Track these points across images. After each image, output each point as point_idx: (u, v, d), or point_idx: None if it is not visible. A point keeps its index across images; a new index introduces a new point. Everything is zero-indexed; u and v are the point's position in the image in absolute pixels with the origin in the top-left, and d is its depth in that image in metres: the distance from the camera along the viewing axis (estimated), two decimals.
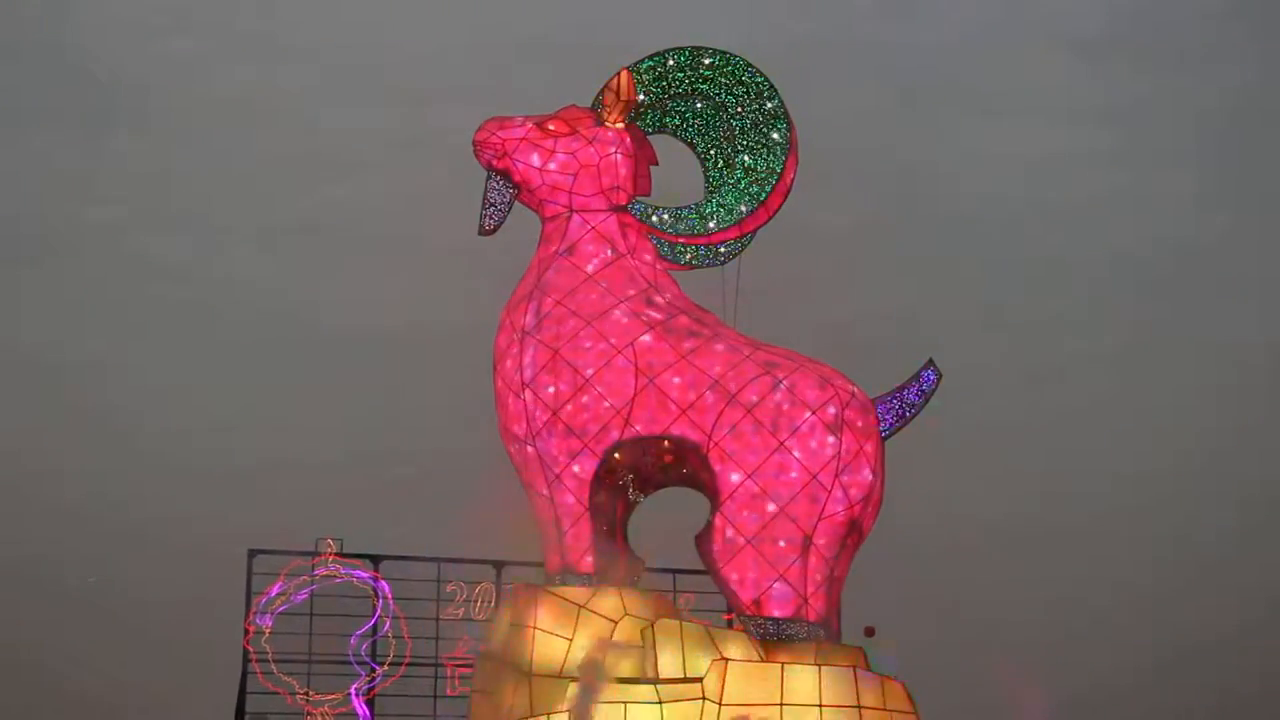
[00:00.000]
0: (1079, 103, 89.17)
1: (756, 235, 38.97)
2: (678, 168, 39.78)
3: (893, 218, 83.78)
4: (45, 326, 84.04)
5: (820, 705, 33.32)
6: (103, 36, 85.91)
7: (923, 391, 36.82)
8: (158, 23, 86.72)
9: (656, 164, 39.40)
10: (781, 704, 33.26)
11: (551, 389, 36.43)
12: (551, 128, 38.24)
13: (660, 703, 33.44)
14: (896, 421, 36.65)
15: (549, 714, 33.97)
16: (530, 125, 38.28)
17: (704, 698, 33.22)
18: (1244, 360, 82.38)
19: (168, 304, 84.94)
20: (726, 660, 33.74)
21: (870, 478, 35.66)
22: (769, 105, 38.08)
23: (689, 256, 38.91)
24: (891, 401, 36.69)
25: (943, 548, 66.16)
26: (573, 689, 33.66)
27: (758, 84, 38.16)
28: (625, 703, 33.46)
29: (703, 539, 35.66)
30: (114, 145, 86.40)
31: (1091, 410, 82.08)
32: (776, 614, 34.78)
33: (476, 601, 50.29)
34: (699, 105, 38.78)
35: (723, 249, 38.69)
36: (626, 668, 33.93)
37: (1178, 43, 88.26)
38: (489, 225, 38.48)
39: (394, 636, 49.78)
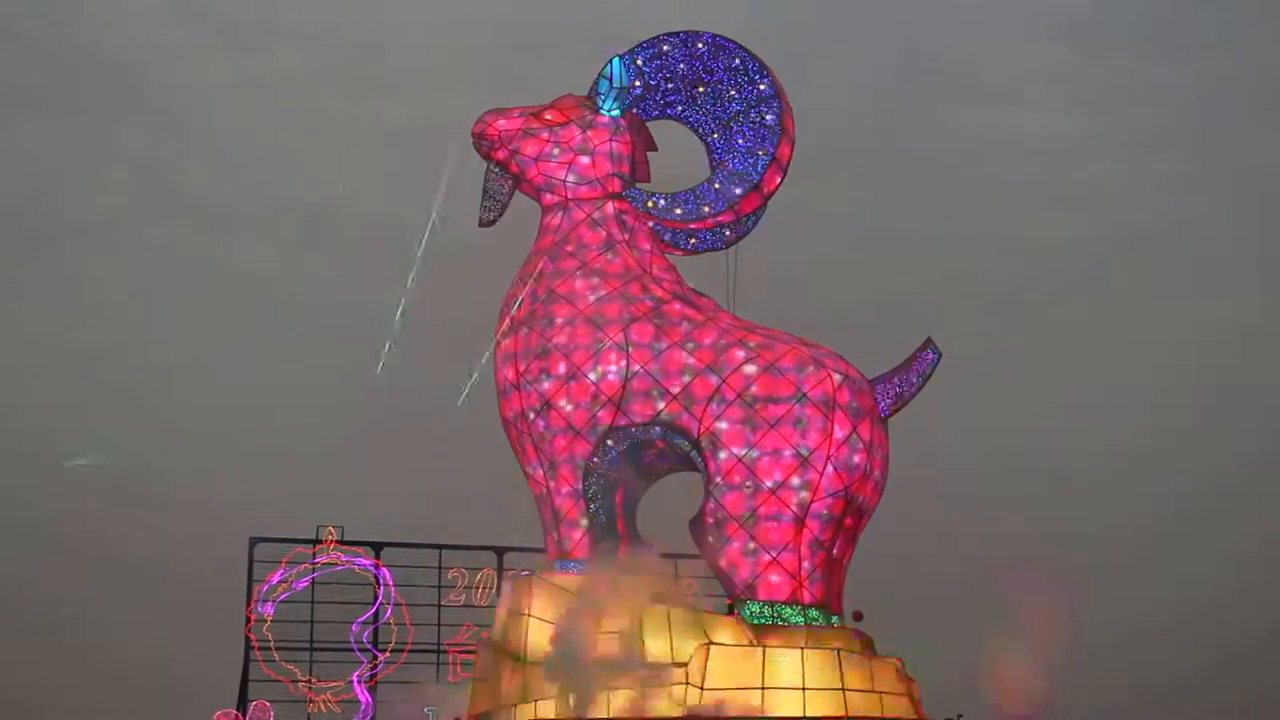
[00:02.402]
0: (1079, 89, 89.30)
1: (761, 219, 39.06)
2: (680, 153, 39.80)
3: (893, 202, 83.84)
4: (49, 311, 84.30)
5: (803, 688, 33.36)
6: (107, 26, 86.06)
7: (922, 371, 36.64)
8: (159, 12, 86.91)
9: (655, 150, 39.37)
10: (763, 687, 33.34)
11: (545, 377, 36.55)
12: (548, 118, 38.33)
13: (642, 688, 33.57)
14: (896, 401, 36.54)
15: (539, 700, 34.18)
16: (526, 116, 38.39)
17: (687, 682, 33.34)
18: (1247, 336, 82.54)
19: (168, 291, 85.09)
20: (709, 645, 33.84)
21: (863, 459, 35.59)
22: (761, 87, 38.03)
23: (693, 241, 39.02)
24: (891, 382, 36.61)
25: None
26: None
27: (750, 66, 38.10)
28: (607, 689, 33.55)
29: (696, 523, 35.68)
30: (118, 134, 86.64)
31: (1090, 400, 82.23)
32: (770, 597, 34.80)
33: (478, 588, 50.48)
34: (699, 90, 38.73)
35: (728, 233, 38.72)
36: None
37: (1178, 30, 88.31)
38: (488, 217, 38.77)
39: (395, 624, 50.02)
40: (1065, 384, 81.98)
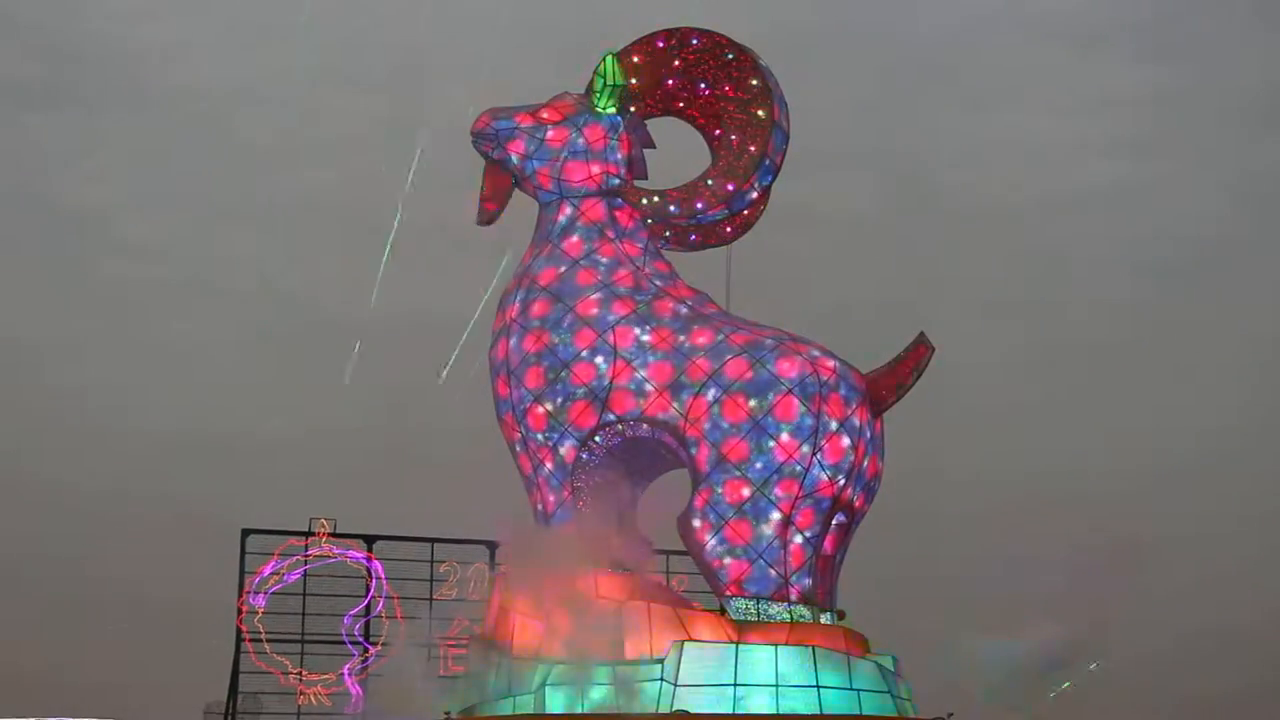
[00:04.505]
0: (1077, 94, 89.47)
1: (760, 215, 38.90)
2: (681, 149, 39.76)
3: (892, 205, 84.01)
4: (35, 306, 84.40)
5: (776, 685, 33.33)
6: (96, 19, 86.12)
7: (915, 367, 36.09)
8: (153, 5, 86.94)
9: (653, 147, 39.26)
10: (735, 684, 33.27)
11: (534, 375, 36.58)
12: (544, 116, 38.33)
13: (615, 685, 33.57)
14: (889, 397, 36.06)
15: (520, 695, 34.22)
16: (524, 115, 38.40)
17: (661, 679, 33.32)
18: (1254, 351, 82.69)
19: (161, 285, 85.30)
20: (683, 642, 33.81)
21: (850, 455, 35.42)
22: (754, 83, 37.86)
23: (694, 238, 38.98)
24: (884, 377, 36.00)
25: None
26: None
27: (743, 62, 37.95)
28: (581, 684, 33.58)
29: (683, 521, 35.53)
30: (107, 127, 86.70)
31: (1092, 395, 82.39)
32: (756, 594, 34.67)
33: (470, 582, 50.49)
34: (701, 86, 38.56)
35: (729, 229, 38.69)
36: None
37: (1175, 35, 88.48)
38: (486, 215, 38.89)
39: (387, 617, 50.05)
40: (1063, 383, 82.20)
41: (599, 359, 36.30)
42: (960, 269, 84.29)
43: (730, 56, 38.06)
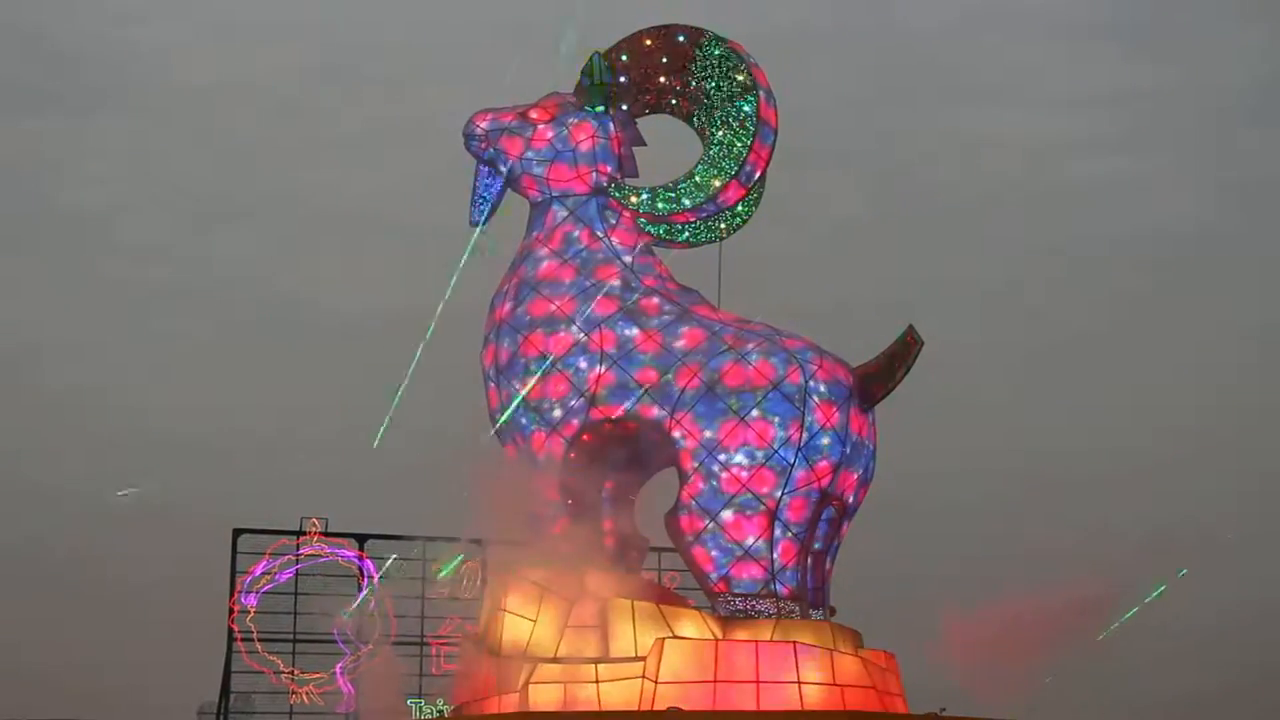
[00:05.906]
0: (1070, 90, 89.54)
1: (754, 212, 38.79)
2: (672, 146, 39.70)
3: (884, 201, 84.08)
4: (29, 308, 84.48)
5: (757, 682, 33.19)
6: (93, 20, 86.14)
7: (904, 360, 35.59)
8: (150, 6, 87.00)
9: (644, 145, 39.20)
10: (715, 681, 33.14)
11: (523, 375, 36.51)
12: (533, 116, 38.29)
13: (598, 682, 33.54)
14: (878, 391, 35.90)
15: (505, 693, 34.14)
16: (513, 115, 38.34)
17: (643, 676, 33.20)
18: (1241, 341, 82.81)
19: (153, 287, 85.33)
20: (663, 639, 33.69)
21: (837, 450, 35.30)
22: (740, 78, 37.62)
23: (686, 235, 38.89)
24: (872, 371, 35.82)
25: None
26: None
27: (730, 57, 37.72)
28: (564, 683, 33.53)
29: (670, 518, 35.50)
30: (102, 130, 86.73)
31: (1087, 386, 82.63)
32: (744, 591, 34.55)
33: (462, 581, 50.42)
34: (690, 82, 38.44)
35: (722, 225, 38.60)
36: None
37: (1170, 30, 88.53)
38: (478, 216, 38.85)
39: (379, 615, 50.02)
40: (1061, 386, 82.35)
41: (586, 358, 36.18)
42: (953, 266, 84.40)
43: (717, 52, 37.86)
